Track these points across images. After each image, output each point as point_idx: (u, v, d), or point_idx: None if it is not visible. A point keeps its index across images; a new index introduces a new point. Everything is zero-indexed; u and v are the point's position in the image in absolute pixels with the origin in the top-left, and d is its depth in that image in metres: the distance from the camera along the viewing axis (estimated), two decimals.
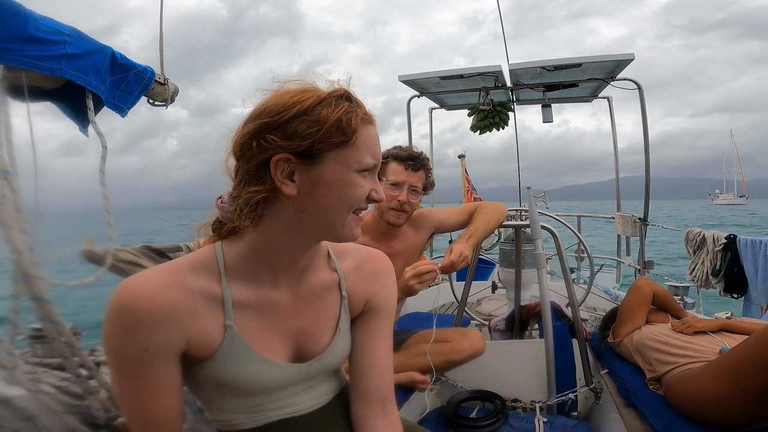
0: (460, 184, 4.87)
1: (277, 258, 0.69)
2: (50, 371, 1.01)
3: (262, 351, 0.69)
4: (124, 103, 1.08)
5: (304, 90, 0.65)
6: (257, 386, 0.69)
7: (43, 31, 0.87)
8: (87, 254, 1.33)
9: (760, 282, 2.76)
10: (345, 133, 0.63)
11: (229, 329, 0.66)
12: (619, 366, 1.66)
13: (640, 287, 1.76)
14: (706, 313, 2.72)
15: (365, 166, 0.66)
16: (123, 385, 0.62)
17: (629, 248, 3.99)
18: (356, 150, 0.64)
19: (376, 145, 0.68)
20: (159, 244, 1.74)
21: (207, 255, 0.68)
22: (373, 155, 0.67)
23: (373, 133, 0.68)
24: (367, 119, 0.67)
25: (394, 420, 0.80)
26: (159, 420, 0.63)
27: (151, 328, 0.60)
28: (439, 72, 3.29)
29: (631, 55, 2.92)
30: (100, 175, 1.05)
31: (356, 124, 0.64)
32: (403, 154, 1.48)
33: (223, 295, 0.66)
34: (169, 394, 0.63)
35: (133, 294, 0.60)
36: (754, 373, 1.03)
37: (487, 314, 2.86)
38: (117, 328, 0.60)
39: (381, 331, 0.81)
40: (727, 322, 1.50)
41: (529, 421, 1.43)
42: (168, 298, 0.61)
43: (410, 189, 1.49)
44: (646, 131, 3.36)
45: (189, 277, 0.64)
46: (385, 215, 1.50)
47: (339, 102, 0.64)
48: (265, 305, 0.70)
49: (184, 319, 0.62)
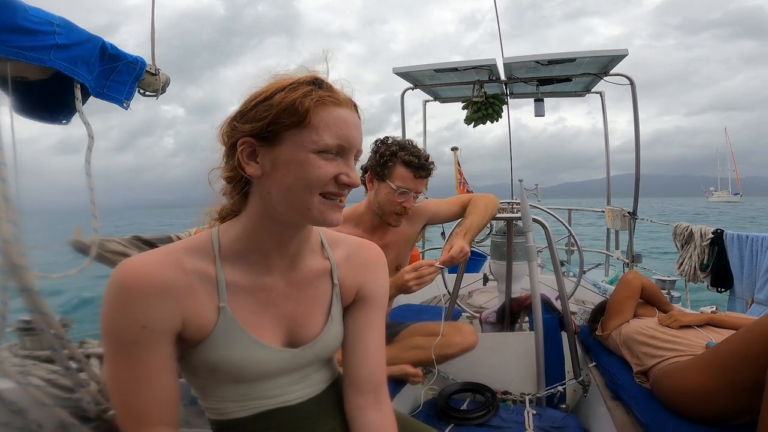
0: (454, 178, 4.88)
1: (266, 242, 0.70)
2: (39, 364, 1.00)
3: (255, 334, 0.70)
4: (117, 93, 1.07)
5: (276, 81, 0.68)
6: (251, 370, 0.70)
7: (32, 21, 0.87)
8: (75, 244, 1.31)
9: (746, 277, 2.81)
10: (297, 113, 0.64)
11: (223, 311, 0.68)
12: (607, 359, 1.69)
13: (629, 280, 1.78)
14: (693, 307, 2.77)
15: (323, 147, 0.65)
16: (117, 370, 0.62)
17: (618, 242, 4.05)
18: (313, 131, 0.65)
19: (342, 128, 0.67)
20: (149, 234, 1.72)
21: (203, 239, 0.70)
22: (338, 137, 0.66)
23: (341, 115, 0.67)
24: (333, 101, 0.67)
25: (386, 409, 0.81)
26: (152, 411, 0.63)
27: (148, 304, 0.61)
28: (434, 65, 3.28)
29: (624, 50, 2.93)
30: (85, 165, 1.03)
31: (309, 105, 0.64)
32: (414, 162, 1.44)
33: (217, 276, 0.68)
34: (163, 381, 0.63)
35: (131, 270, 0.61)
36: (742, 367, 1.05)
37: (478, 306, 2.88)
38: (115, 304, 0.61)
39: (373, 321, 0.83)
40: (712, 316, 1.53)
41: (518, 413, 1.45)
42: (164, 275, 0.63)
43: (415, 195, 1.50)
44: (637, 126, 3.39)
45: (185, 258, 0.66)
46: (386, 218, 1.49)
47: (301, 87, 0.66)
48: (258, 289, 0.72)
49: (180, 297, 0.64)
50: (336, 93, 0.68)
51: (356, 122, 0.69)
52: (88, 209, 1.06)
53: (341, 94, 0.69)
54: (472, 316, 2.64)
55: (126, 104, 1.11)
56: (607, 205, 3.91)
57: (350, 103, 0.70)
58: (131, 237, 1.64)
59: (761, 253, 2.72)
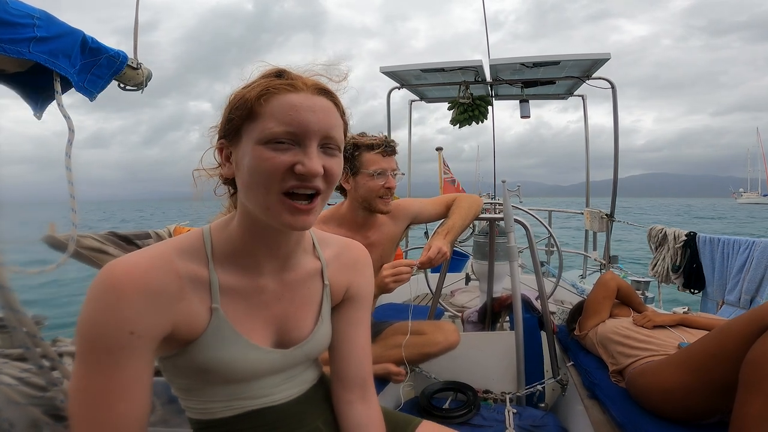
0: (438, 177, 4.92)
1: (257, 243, 0.69)
2: (10, 362, 0.97)
3: (246, 335, 0.69)
4: (93, 87, 1.05)
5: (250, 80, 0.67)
6: (240, 371, 0.69)
7: (11, 14, 0.86)
8: (49, 240, 1.27)
9: (717, 278, 2.91)
10: (244, 106, 0.62)
11: (216, 312, 0.66)
12: (584, 358, 1.72)
13: (606, 281, 1.82)
14: (665, 307, 2.86)
15: (269, 136, 0.60)
16: (91, 380, 0.55)
17: (596, 243, 4.14)
18: (261, 121, 0.61)
19: (290, 112, 0.61)
20: (126, 230, 1.68)
21: (195, 239, 0.68)
22: (285, 123, 0.60)
23: (291, 100, 0.61)
24: (286, 89, 0.62)
25: (373, 404, 0.83)
26: (129, 426, 0.56)
27: (139, 310, 0.57)
28: (421, 64, 3.29)
29: (607, 54, 2.99)
30: (65, 158, 1.01)
31: (253, 95, 0.61)
32: (375, 142, 1.47)
33: (210, 279, 0.66)
34: (141, 395, 0.58)
35: (122, 273, 0.57)
36: (715, 367, 1.08)
37: (460, 306, 2.91)
38: (102, 308, 0.56)
39: (360, 320, 0.84)
40: (684, 316, 1.57)
41: (499, 412, 1.47)
42: (158, 279, 0.59)
43: (393, 173, 1.50)
44: (616, 129, 3.46)
45: (177, 260, 0.64)
46: (374, 206, 1.49)
47: (257, 81, 0.64)
48: (251, 290, 0.70)
49: (172, 301, 0.61)
50: (295, 80, 0.64)
51: (315, 105, 0.63)
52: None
53: (304, 80, 0.64)
54: (454, 316, 2.67)
55: (94, 96, 1.09)
56: (587, 206, 3.99)
57: (314, 87, 0.64)
58: (107, 233, 1.60)
59: (732, 256, 2.81)
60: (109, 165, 46.93)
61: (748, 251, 2.71)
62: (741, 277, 2.71)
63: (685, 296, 3.26)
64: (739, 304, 2.71)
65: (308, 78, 0.66)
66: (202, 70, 48.28)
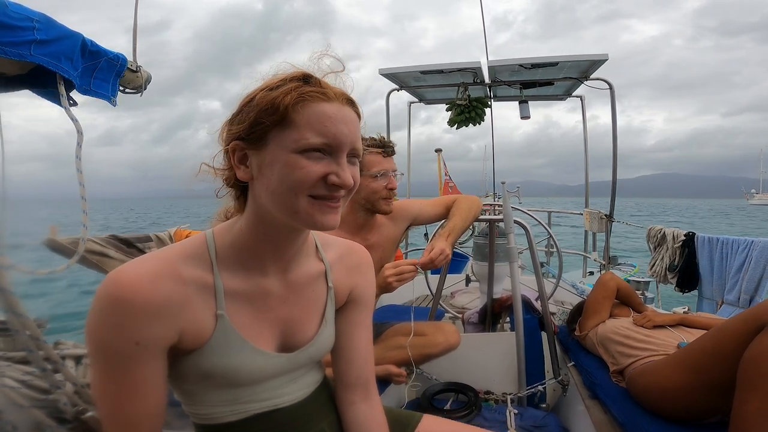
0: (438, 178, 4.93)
1: (263, 246, 0.69)
2: (13, 365, 0.98)
3: (252, 340, 0.69)
4: (103, 90, 1.06)
5: (265, 81, 0.66)
6: (246, 376, 0.69)
7: (11, 17, 0.86)
8: (50, 243, 1.27)
9: (716, 278, 2.91)
10: (276, 112, 0.61)
11: (221, 318, 0.66)
12: (585, 359, 1.72)
13: (605, 281, 1.82)
14: (664, 307, 2.86)
15: (305, 146, 0.61)
16: (106, 382, 0.59)
17: (596, 243, 4.14)
18: (296, 130, 0.61)
19: (327, 124, 0.62)
20: (127, 233, 1.68)
21: (198, 244, 0.67)
22: (322, 134, 0.62)
23: (326, 111, 0.62)
24: (319, 97, 0.63)
25: (376, 404, 0.84)
26: (141, 421, 0.60)
27: (144, 322, 0.58)
28: (420, 66, 3.31)
29: (605, 55, 3.00)
30: (75, 161, 1.01)
31: (288, 102, 0.61)
32: (376, 144, 1.48)
33: (215, 284, 0.66)
34: (154, 393, 0.61)
35: (126, 285, 0.57)
36: (714, 366, 1.09)
37: (460, 307, 2.91)
38: (107, 320, 0.57)
39: (362, 322, 0.85)
40: (684, 316, 1.58)
41: (500, 412, 1.47)
42: (163, 290, 0.60)
43: (394, 174, 1.51)
44: (614, 130, 3.47)
45: (181, 266, 0.63)
46: (377, 207, 1.50)
47: (285, 84, 0.63)
48: (256, 294, 0.70)
49: (177, 312, 0.61)
50: (326, 88, 0.64)
51: (346, 117, 0.64)
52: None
53: (333, 89, 0.65)
54: (455, 317, 2.67)
55: (113, 100, 1.10)
56: (586, 207, 4.00)
57: (343, 97, 0.65)
58: (108, 236, 1.60)
59: (731, 256, 2.82)
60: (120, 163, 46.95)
61: (747, 251, 2.72)
62: (740, 276, 2.72)
63: (685, 296, 3.27)
64: (738, 303, 2.72)
65: (336, 87, 0.66)
66: (213, 69, 48.89)
